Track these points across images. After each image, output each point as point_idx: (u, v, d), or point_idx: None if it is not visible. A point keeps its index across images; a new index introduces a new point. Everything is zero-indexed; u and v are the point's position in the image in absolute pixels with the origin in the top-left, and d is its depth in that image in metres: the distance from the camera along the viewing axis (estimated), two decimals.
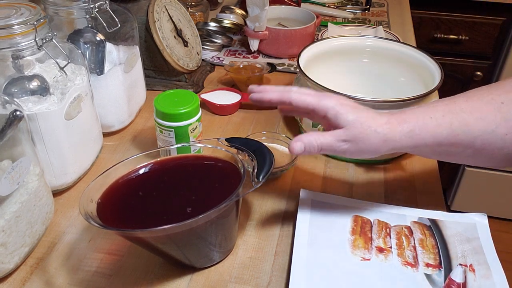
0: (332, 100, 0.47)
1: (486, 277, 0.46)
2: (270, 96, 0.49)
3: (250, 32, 0.93)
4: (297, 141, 0.47)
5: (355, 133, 0.46)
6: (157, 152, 0.52)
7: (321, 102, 0.47)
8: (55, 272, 0.49)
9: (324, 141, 0.46)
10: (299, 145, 0.46)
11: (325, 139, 0.46)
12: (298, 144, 0.46)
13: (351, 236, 0.51)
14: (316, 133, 0.47)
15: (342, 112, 0.46)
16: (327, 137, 0.46)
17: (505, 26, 1.36)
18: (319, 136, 0.47)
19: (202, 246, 0.47)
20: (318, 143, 0.46)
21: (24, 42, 0.50)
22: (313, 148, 0.47)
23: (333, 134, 0.47)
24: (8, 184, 0.45)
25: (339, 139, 0.46)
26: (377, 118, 0.46)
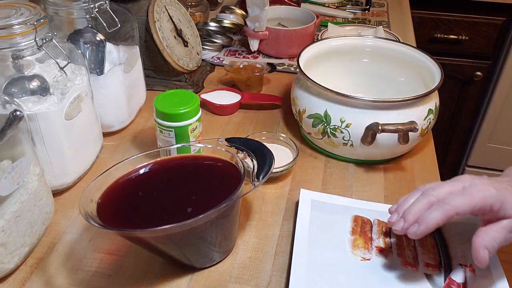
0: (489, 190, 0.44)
1: (486, 277, 0.46)
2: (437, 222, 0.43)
3: (250, 32, 0.93)
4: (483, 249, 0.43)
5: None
6: (157, 152, 0.52)
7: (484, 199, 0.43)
8: (55, 272, 0.49)
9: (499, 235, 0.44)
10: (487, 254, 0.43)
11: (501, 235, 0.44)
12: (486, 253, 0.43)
13: (351, 236, 0.51)
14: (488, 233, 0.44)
15: (506, 201, 0.43)
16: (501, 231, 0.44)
17: (505, 26, 1.36)
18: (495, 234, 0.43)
19: (202, 246, 0.47)
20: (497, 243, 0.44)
21: (24, 42, 0.50)
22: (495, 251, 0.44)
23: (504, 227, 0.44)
24: (8, 184, 0.45)
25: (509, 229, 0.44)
26: None
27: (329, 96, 0.61)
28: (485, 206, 0.43)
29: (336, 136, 0.61)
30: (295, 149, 0.63)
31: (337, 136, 0.61)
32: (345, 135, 0.61)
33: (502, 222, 0.44)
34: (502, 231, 0.44)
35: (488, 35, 1.39)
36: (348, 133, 0.60)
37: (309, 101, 0.63)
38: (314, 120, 0.63)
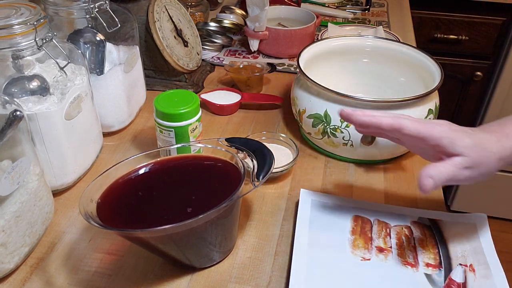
0: (443, 127, 0.45)
1: (486, 277, 0.46)
2: (380, 122, 0.46)
3: (250, 32, 0.93)
4: (426, 177, 0.44)
5: (475, 158, 0.44)
6: (157, 152, 0.52)
7: (432, 130, 0.45)
8: (55, 272, 0.49)
9: (449, 173, 0.44)
10: (430, 182, 0.44)
11: (449, 171, 0.44)
12: (430, 181, 0.44)
13: (351, 236, 0.51)
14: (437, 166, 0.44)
15: (457, 138, 0.44)
16: (448, 167, 0.44)
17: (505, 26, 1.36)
18: (442, 169, 0.44)
19: (202, 246, 0.47)
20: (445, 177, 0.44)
21: (24, 42, 0.50)
22: (441, 182, 0.44)
23: (453, 164, 0.44)
24: (8, 184, 0.44)
25: (461, 167, 0.44)
26: (487, 137, 0.45)
27: (329, 96, 0.61)
28: (432, 138, 0.45)
29: (336, 136, 0.61)
30: (295, 149, 0.63)
31: (337, 136, 0.61)
32: (345, 135, 0.61)
33: (453, 158, 0.44)
34: (450, 167, 0.44)
35: (488, 35, 1.39)
36: (348, 133, 0.60)
37: (309, 101, 0.63)
38: (314, 120, 0.63)
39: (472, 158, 0.44)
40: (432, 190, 0.44)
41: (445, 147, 0.45)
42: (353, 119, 0.47)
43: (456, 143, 0.44)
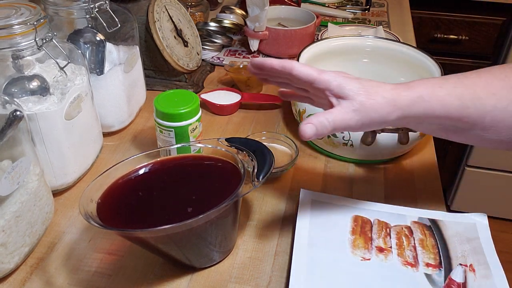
0: (333, 73, 0.45)
1: (486, 277, 0.46)
2: (272, 62, 0.46)
3: (250, 32, 0.93)
4: (306, 123, 0.43)
5: (362, 101, 0.43)
6: (157, 152, 0.52)
7: (322, 74, 0.44)
8: (55, 272, 0.49)
9: (336, 117, 0.43)
10: (310, 127, 0.42)
11: (335, 115, 0.43)
12: (309, 126, 0.42)
13: (351, 236, 0.51)
14: (324, 112, 0.43)
15: (345, 82, 0.44)
16: (336, 112, 0.43)
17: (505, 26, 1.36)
18: (329, 114, 0.43)
19: (202, 246, 0.47)
20: (329, 121, 0.43)
21: (24, 42, 0.50)
22: (325, 128, 0.43)
23: (341, 108, 0.43)
24: (8, 184, 0.45)
25: (348, 110, 0.43)
26: (382, 85, 0.44)
27: None
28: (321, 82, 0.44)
29: (336, 136, 0.61)
30: (295, 149, 0.63)
31: (337, 136, 0.61)
32: (345, 135, 0.61)
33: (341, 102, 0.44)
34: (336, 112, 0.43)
35: (488, 35, 1.39)
36: (348, 133, 0.60)
37: None
38: None
39: (359, 100, 0.43)
40: (311, 135, 0.43)
41: (333, 90, 0.44)
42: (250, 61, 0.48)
43: (343, 85, 0.43)
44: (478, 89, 0.44)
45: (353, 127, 0.44)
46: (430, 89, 0.44)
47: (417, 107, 0.43)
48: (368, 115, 0.43)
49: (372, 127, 0.45)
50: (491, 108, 0.43)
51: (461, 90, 0.44)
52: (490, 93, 0.43)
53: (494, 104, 0.43)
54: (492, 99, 0.43)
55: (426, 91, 0.44)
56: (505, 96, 0.43)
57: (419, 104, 0.43)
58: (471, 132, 0.45)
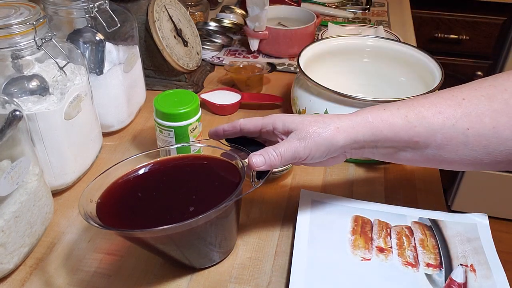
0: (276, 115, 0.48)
1: (487, 277, 0.46)
2: (222, 126, 0.51)
3: (250, 32, 0.93)
4: (255, 154, 0.45)
5: (305, 129, 0.45)
6: (157, 152, 0.52)
7: (266, 118, 0.48)
8: (54, 272, 0.49)
9: (282, 148, 0.45)
10: (259, 158, 0.45)
11: (282, 145, 0.45)
12: (258, 157, 0.45)
13: (351, 236, 0.51)
14: (272, 146, 0.46)
15: (288, 118, 0.47)
16: (283, 143, 0.46)
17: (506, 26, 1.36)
18: (277, 146, 0.45)
19: (202, 246, 0.47)
20: (277, 152, 0.45)
21: (23, 42, 0.49)
22: (274, 158, 0.45)
23: (287, 140, 0.46)
24: (7, 184, 0.44)
25: (293, 140, 0.45)
26: (324, 115, 0.47)
27: (329, 96, 0.61)
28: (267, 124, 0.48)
29: None
30: None
31: None
32: None
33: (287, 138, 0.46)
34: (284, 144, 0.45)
35: (489, 35, 1.39)
36: None
37: (309, 101, 0.63)
38: None
39: (302, 129, 0.45)
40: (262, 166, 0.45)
41: (279, 128, 0.47)
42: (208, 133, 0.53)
43: (286, 120, 0.47)
44: (423, 109, 0.45)
45: (302, 155, 0.45)
46: (374, 112, 0.46)
47: (363, 128, 0.45)
48: (313, 140, 0.45)
49: (322, 153, 0.46)
50: (440, 127, 0.44)
51: (405, 110, 0.45)
52: (436, 112, 0.45)
53: (441, 123, 0.44)
54: (439, 118, 0.44)
55: (370, 114, 0.46)
56: (452, 115, 0.44)
57: (365, 125, 0.45)
58: (429, 151, 0.46)
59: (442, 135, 0.44)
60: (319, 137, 0.45)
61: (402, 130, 0.45)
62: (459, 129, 0.44)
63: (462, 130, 0.44)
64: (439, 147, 0.45)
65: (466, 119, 0.44)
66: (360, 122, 0.45)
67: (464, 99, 0.44)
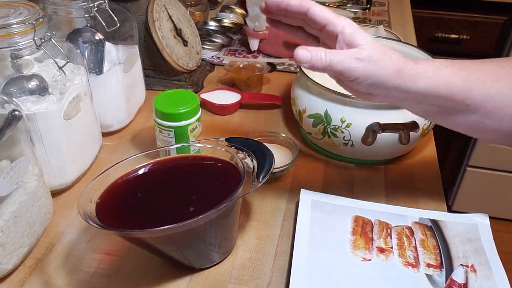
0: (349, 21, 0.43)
1: (488, 278, 0.46)
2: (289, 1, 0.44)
3: (250, 31, 0.93)
4: (303, 48, 0.42)
5: (371, 53, 0.42)
6: (157, 152, 0.51)
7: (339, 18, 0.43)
8: (54, 272, 0.49)
9: (336, 56, 0.42)
10: (305, 53, 0.41)
11: (337, 54, 0.42)
12: (304, 52, 0.41)
13: (351, 236, 0.51)
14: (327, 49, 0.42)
15: (360, 31, 0.43)
16: (339, 53, 0.42)
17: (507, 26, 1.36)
18: (330, 51, 0.42)
19: (201, 246, 0.47)
20: (327, 56, 0.41)
21: (22, 42, 0.49)
22: (320, 60, 0.41)
23: (347, 51, 0.42)
24: (6, 184, 0.44)
25: (353, 56, 0.42)
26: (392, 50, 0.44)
27: (329, 96, 0.61)
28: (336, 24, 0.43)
29: (336, 136, 0.61)
30: (295, 149, 0.63)
31: (338, 136, 0.61)
32: (346, 135, 0.60)
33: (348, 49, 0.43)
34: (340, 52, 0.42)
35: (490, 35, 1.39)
36: (349, 133, 0.60)
37: (309, 101, 0.63)
38: (314, 120, 0.62)
39: (367, 51, 0.42)
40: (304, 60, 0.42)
41: (346, 36, 0.43)
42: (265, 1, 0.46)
43: (356, 33, 0.43)
44: (482, 73, 0.44)
45: (349, 74, 0.42)
46: (436, 67, 0.44)
47: (420, 81, 0.43)
48: (369, 69, 0.42)
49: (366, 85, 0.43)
50: (494, 94, 0.44)
51: (466, 72, 0.44)
52: (493, 79, 0.44)
53: (497, 90, 0.44)
54: (495, 85, 0.44)
55: (431, 68, 0.44)
56: (508, 83, 0.44)
57: (423, 78, 0.43)
58: (472, 116, 0.45)
59: (494, 102, 0.44)
60: (377, 71, 0.42)
61: (460, 91, 0.44)
62: None
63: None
64: (486, 114, 0.45)
65: None
66: (420, 74, 0.43)
67: None
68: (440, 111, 0.46)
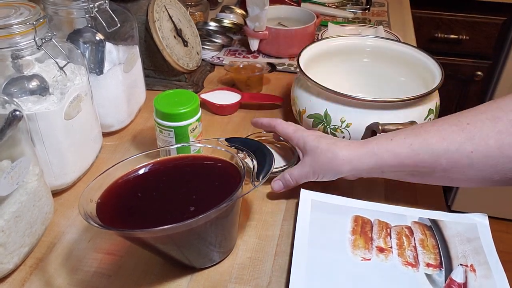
0: (302, 133, 0.56)
1: (487, 277, 0.46)
2: (261, 121, 0.62)
3: (250, 32, 0.93)
4: (275, 180, 0.57)
5: (317, 158, 0.52)
6: (157, 152, 0.52)
7: (295, 133, 0.56)
8: (54, 272, 0.49)
9: (296, 174, 0.55)
10: (278, 184, 0.56)
11: (296, 171, 0.55)
12: (277, 183, 0.56)
13: (351, 236, 0.51)
14: (288, 170, 0.56)
15: (308, 141, 0.54)
16: (297, 169, 0.55)
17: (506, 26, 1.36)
18: (292, 171, 0.55)
19: (202, 246, 0.47)
20: (292, 178, 0.55)
21: (23, 42, 0.49)
22: (290, 183, 0.55)
23: (300, 165, 0.55)
24: (7, 184, 0.44)
25: (306, 165, 0.54)
26: (338, 143, 0.52)
27: (329, 96, 0.61)
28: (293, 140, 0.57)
29: (336, 136, 0.61)
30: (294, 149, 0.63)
31: (337, 136, 0.61)
32: (346, 135, 0.60)
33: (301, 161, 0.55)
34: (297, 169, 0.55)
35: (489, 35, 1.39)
36: (349, 133, 0.60)
37: (309, 101, 0.63)
38: (314, 120, 0.62)
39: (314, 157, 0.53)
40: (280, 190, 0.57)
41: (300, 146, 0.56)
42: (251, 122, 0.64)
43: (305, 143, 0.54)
44: (428, 136, 0.48)
45: (312, 178, 0.54)
46: (381, 142, 0.50)
47: (370, 160, 0.50)
48: (321, 167, 0.53)
49: (329, 178, 0.54)
50: (443, 152, 0.47)
51: (411, 139, 0.49)
52: (441, 139, 0.47)
53: (445, 148, 0.47)
54: (443, 144, 0.47)
55: (376, 146, 0.50)
56: (455, 139, 0.47)
57: (370, 157, 0.50)
58: (436, 174, 0.49)
59: (446, 159, 0.47)
60: (327, 166, 0.52)
61: (407, 158, 0.48)
62: (462, 152, 0.46)
63: (466, 153, 0.46)
64: (445, 170, 0.48)
65: (469, 143, 0.46)
66: (366, 154, 0.50)
67: (468, 124, 0.47)
68: (407, 175, 0.51)
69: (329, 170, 0.52)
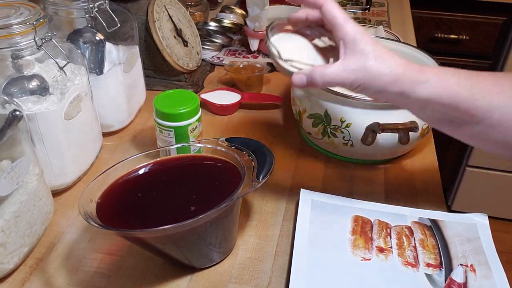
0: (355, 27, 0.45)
1: (487, 277, 0.46)
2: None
3: (250, 32, 0.93)
4: (299, 73, 0.46)
5: (367, 64, 0.43)
6: (157, 152, 0.52)
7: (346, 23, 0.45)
8: (54, 272, 0.49)
9: (332, 74, 0.44)
10: (301, 78, 0.45)
11: (332, 70, 0.44)
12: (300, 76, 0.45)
13: (351, 236, 0.51)
14: (319, 67, 0.45)
15: (361, 39, 0.44)
16: (334, 69, 0.44)
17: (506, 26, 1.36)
18: (324, 70, 0.44)
19: (202, 246, 0.47)
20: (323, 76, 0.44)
21: (23, 42, 0.49)
22: (316, 81, 0.45)
23: (343, 63, 0.44)
24: (7, 184, 0.44)
25: (348, 68, 0.44)
26: (395, 57, 0.44)
27: (329, 96, 0.61)
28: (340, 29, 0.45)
29: (336, 136, 0.61)
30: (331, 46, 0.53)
31: (337, 136, 0.61)
32: (345, 135, 0.60)
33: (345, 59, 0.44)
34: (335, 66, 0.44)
35: (489, 35, 1.39)
36: (348, 133, 0.60)
37: (309, 101, 0.63)
38: (314, 120, 0.62)
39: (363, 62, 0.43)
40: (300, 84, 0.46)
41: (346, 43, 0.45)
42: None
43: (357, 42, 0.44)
44: (488, 84, 0.43)
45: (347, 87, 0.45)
46: (441, 75, 0.43)
47: (422, 90, 0.43)
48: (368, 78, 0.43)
49: (369, 93, 0.45)
50: (502, 105, 0.42)
51: (472, 82, 0.43)
52: (500, 91, 0.43)
53: (504, 101, 0.43)
54: (502, 96, 0.43)
55: (436, 77, 0.43)
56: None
57: (426, 88, 0.43)
58: (477, 127, 0.44)
59: (500, 114, 0.43)
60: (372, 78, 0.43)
61: (464, 101, 0.43)
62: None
63: None
64: (491, 125, 0.43)
65: None
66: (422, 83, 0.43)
67: None
68: (444, 118, 0.45)
69: (375, 86, 0.44)
